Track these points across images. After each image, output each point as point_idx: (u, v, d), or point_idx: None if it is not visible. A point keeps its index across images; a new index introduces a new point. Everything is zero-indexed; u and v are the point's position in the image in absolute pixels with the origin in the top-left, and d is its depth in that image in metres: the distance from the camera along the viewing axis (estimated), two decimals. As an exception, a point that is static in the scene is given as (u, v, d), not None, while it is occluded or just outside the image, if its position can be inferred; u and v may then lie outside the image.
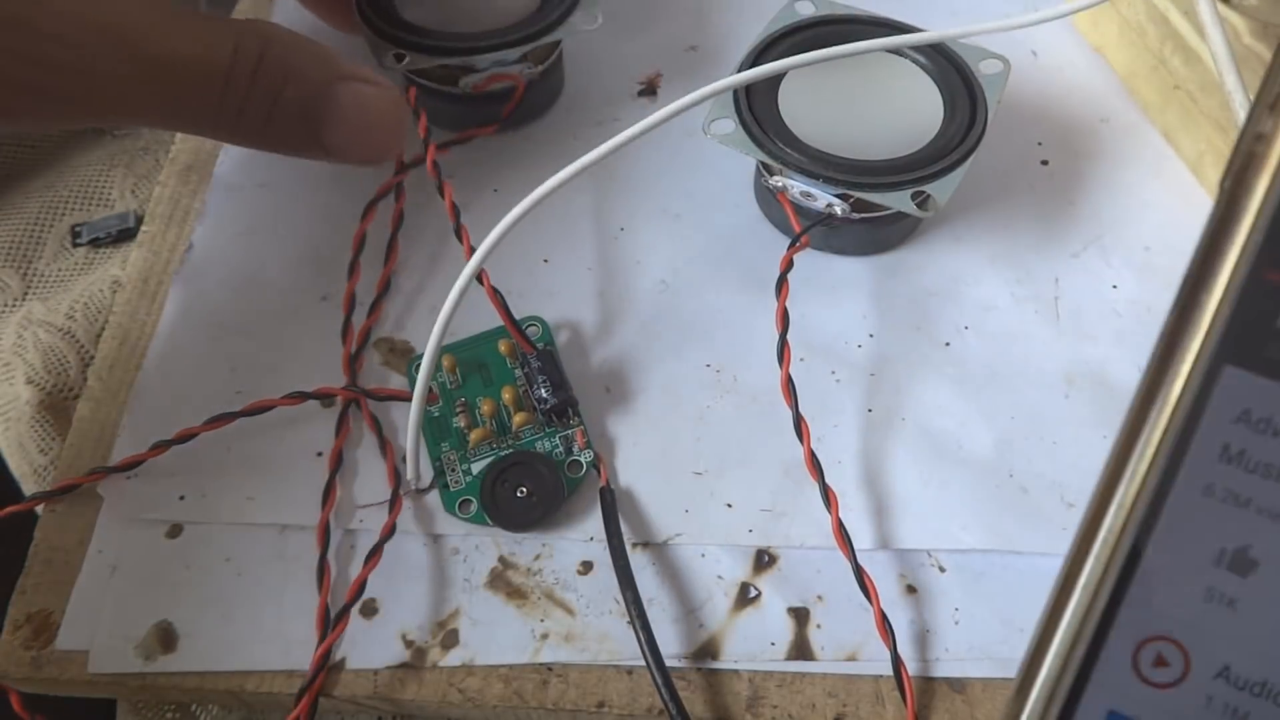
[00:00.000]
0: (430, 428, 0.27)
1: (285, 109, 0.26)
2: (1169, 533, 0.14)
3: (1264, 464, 0.14)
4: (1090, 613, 0.14)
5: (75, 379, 0.31)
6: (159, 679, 0.24)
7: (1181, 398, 0.14)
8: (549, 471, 0.26)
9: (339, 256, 0.31)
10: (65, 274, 0.34)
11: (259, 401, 0.27)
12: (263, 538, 0.26)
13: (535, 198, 0.26)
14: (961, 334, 0.30)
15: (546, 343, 0.29)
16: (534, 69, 0.32)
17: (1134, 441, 0.14)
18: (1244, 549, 0.14)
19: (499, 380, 0.28)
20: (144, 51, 0.24)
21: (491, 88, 0.32)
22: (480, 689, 0.24)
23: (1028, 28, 0.28)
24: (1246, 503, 0.14)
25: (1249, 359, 0.14)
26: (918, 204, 0.27)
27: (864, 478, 0.27)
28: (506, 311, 0.28)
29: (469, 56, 0.31)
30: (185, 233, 0.32)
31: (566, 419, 0.27)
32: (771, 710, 0.24)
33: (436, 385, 0.28)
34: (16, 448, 0.30)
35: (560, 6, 0.31)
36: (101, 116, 0.27)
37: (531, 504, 0.26)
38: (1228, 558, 0.14)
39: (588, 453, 0.27)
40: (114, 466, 0.27)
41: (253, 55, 0.25)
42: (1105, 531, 0.14)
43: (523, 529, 0.26)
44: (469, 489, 0.26)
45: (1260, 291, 0.14)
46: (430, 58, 0.31)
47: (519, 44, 0.31)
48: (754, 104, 0.29)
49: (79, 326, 0.32)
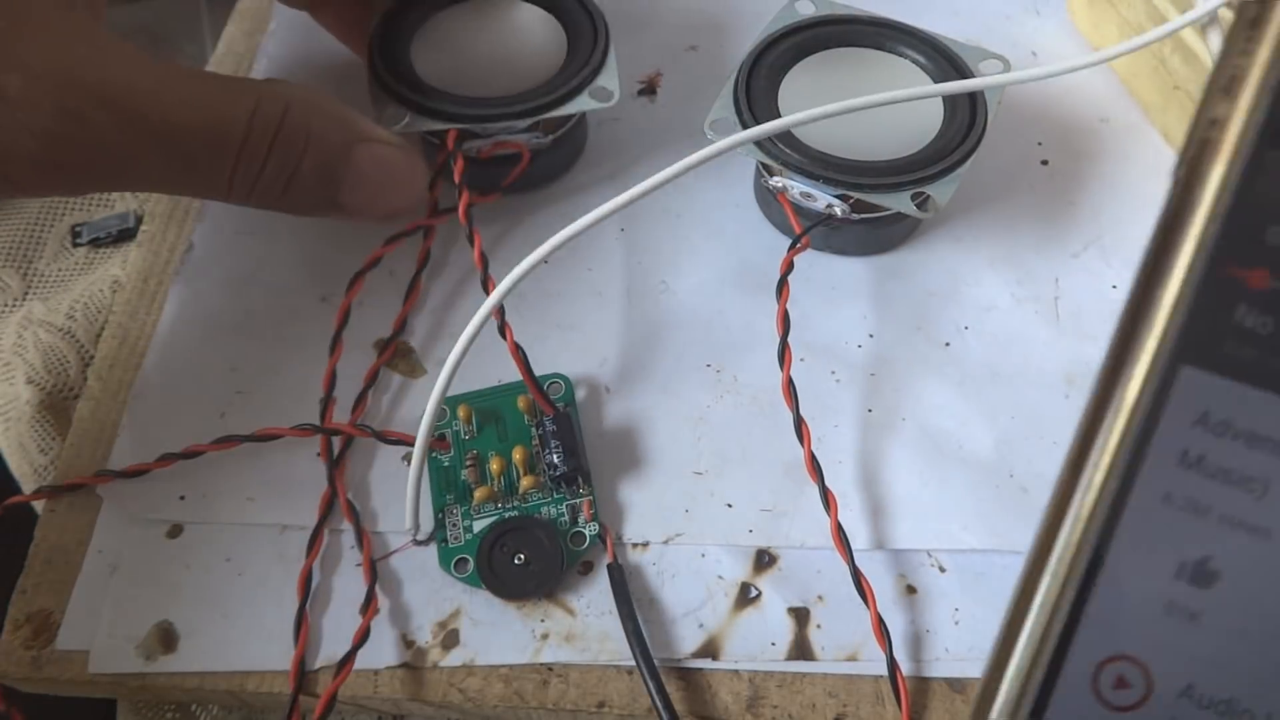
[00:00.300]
0: (438, 477, 0.27)
1: (304, 176, 0.25)
2: (1127, 546, 0.13)
3: (1224, 469, 0.13)
4: (1048, 633, 0.13)
5: (75, 379, 0.31)
6: (159, 679, 0.24)
7: (1138, 401, 0.13)
8: (550, 541, 0.25)
9: (339, 257, 0.31)
10: (65, 274, 0.34)
11: (268, 429, 0.27)
12: (263, 538, 0.26)
13: (556, 242, 0.25)
14: (962, 334, 0.30)
15: (567, 403, 0.28)
16: (543, 139, 0.31)
17: (1089, 449, 0.13)
18: (1205, 560, 0.13)
19: (513, 437, 0.27)
20: (151, 120, 0.23)
21: (498, 153, 0.30)
22: (481, 689, 0.24)
23: (1060, 72, 0.28)
24: (1206, 511, 0.13)
25: (1207, 358, 0.13)
26: (918, 205, 0.27)
27: (864, 478, 0.27)
28: (527, 369, 0.27)
29: (473, 124, 0.29)
30: (185, 233, 0.32)
31: (575, 487, 0.26)
32: (772, 710, 0.24)
33: (450, 434, 0.27)
34: (17, 448, 0.30)
35: (579, 75, 0.30)
36: (107, 187, 0.26)
37: (528, 573, 0.25)
38: (1189, 570, 0.13)
39: (593, 525, 0.26)
40: (120, 471, 0.26)
41: (271, 122, 0.24)
42: (1061, 546, 0.13)
43: (516, 599, 0.25)
44: (467, 547, 0.26)
45: (1218, 286, 0.13)
46: (431, 120, 0.29)
47: (522, 116, 0.29)
48: (754, 104, 0.29)
49: (79, 326, 0.32)
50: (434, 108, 0.29)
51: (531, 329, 0.29)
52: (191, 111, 0.23)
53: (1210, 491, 0.13)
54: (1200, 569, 0.13)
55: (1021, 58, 0.36)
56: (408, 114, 0.29)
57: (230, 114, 0.24)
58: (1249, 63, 0.13)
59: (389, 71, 0.30)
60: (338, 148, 0.26)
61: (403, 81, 0.29)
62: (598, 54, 0.30)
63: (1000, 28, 0.37)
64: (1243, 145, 0.13)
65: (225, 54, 0.37)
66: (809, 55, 0.31)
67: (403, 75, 0.30)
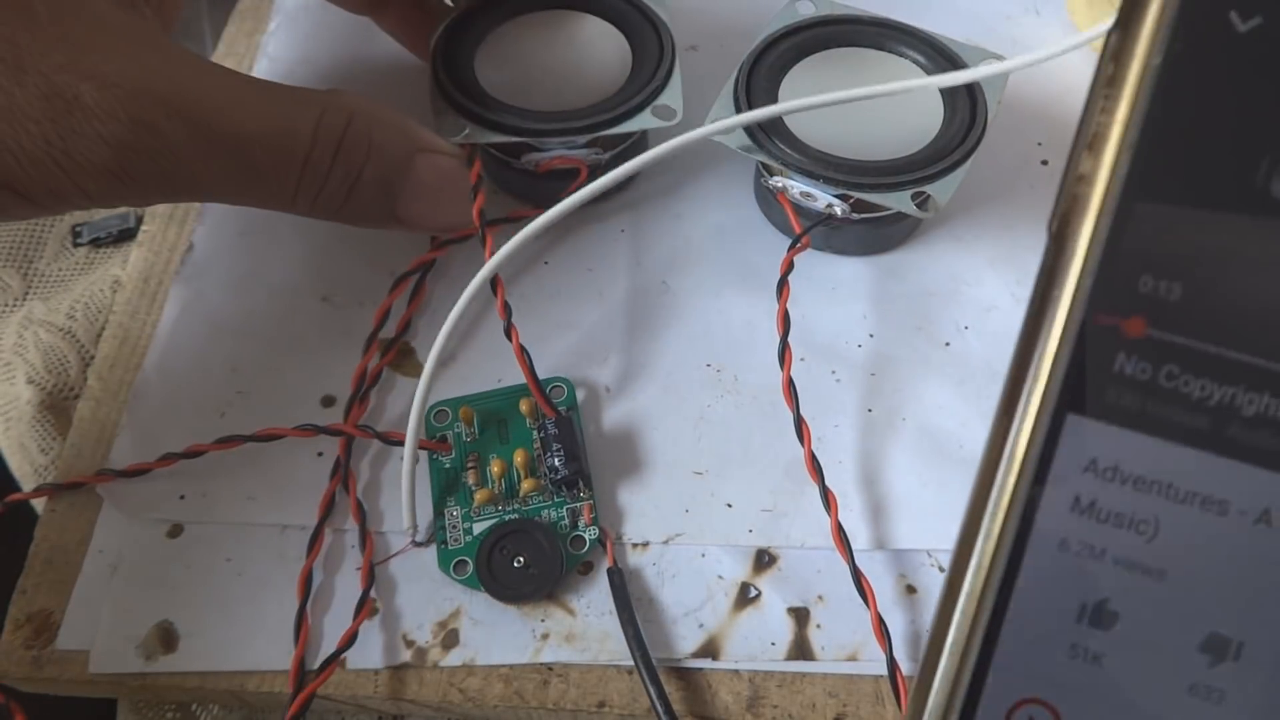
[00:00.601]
0: (439, 478, 0.27)
1: (364, 187, 0.25)
2: (1029, 590, 0.13)
3: (1115, 513, 0.13)
4: (959, 678, 0.14)
5: (76, 379, 0.31)
6: (160, 679, 0.24)
7: (1028, 451, 0.13)
8: (550, 544, 0.25)
9: (339, 257, 0.31)
10: (66, 274, 0.34)
11: (270, 429, 0.27)
12: (263, 537, 0.26)
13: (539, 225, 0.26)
14: (962, 334, 0.30)
15: (569, 406, 0.28)
16: (601, 155, 0.30)
17: (985, 498, 0.13)
18: (1103, 602, 0.13)
19: (515, 440, 0.27)
20: (221, 131, 0.23)
21: (557, 167, 0.30)
22: (481, 689, 0.24)
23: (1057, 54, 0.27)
24: (1101, 554, 0.13)
25: (1091, 406, 0.13)
26: (918, 204, 0.27)
27: (864, 478, 0.27)
28: (531, 371, 0.27)
29: (533, 138, 0.29)
30: (186, 232, 0.32)
31: (576, 491, 0.26)
32: (772, 710, 0.24)
33: (452, 436, 0.27)
34: (17, 448, 0.30)
35: (642, 93, 0.29)
36: (175, 198, 0.25)
37: (528, 576, 0.25)
38: (1089, 612, 0.13)
39: (593, 529, 0.26)
40: (122, 470, 0.27)
41: (336, 132, 0.24)
42: (965, 593, 0.13)
43: (515, 601, 0.25)
44: (466, 549, 0.26)
45: (1097, 336, 0.13)
46: (491, 133, 0.29)
47: (582, 132, 0.29)
48: (754, 104, 0.29)
49: (79, 326, 0.32)
50: (495, 120, 0.29)
51: (532, 329, 0.29)
52: (259, 122, 0.23)
53: (1103, 535, 0.13)
54: (1099, 611, 0.13)
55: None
56: (468, 125, 0.29)
57: (296, 125, 0.24)
58: (1109, 120, 0.13)
59: (451, 81, 0.29)
60: (399, 159, 0.26)
61: (464, 92, 0.29)
62: (662, 71, 0.30)
63: (1001, 28, 0.37)
64: (1109, 199, 0.13)
65: (225, 54, 0.37)
66: (809, 55, 0.31)
67: (465, 86, 0.29)
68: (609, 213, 0.32)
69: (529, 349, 0.27)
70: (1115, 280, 0.13)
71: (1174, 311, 0.13)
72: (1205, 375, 0.13)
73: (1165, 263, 0.13)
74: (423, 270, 0.30)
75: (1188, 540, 0.13)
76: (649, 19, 0.31)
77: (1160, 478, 0.13)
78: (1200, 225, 0.13)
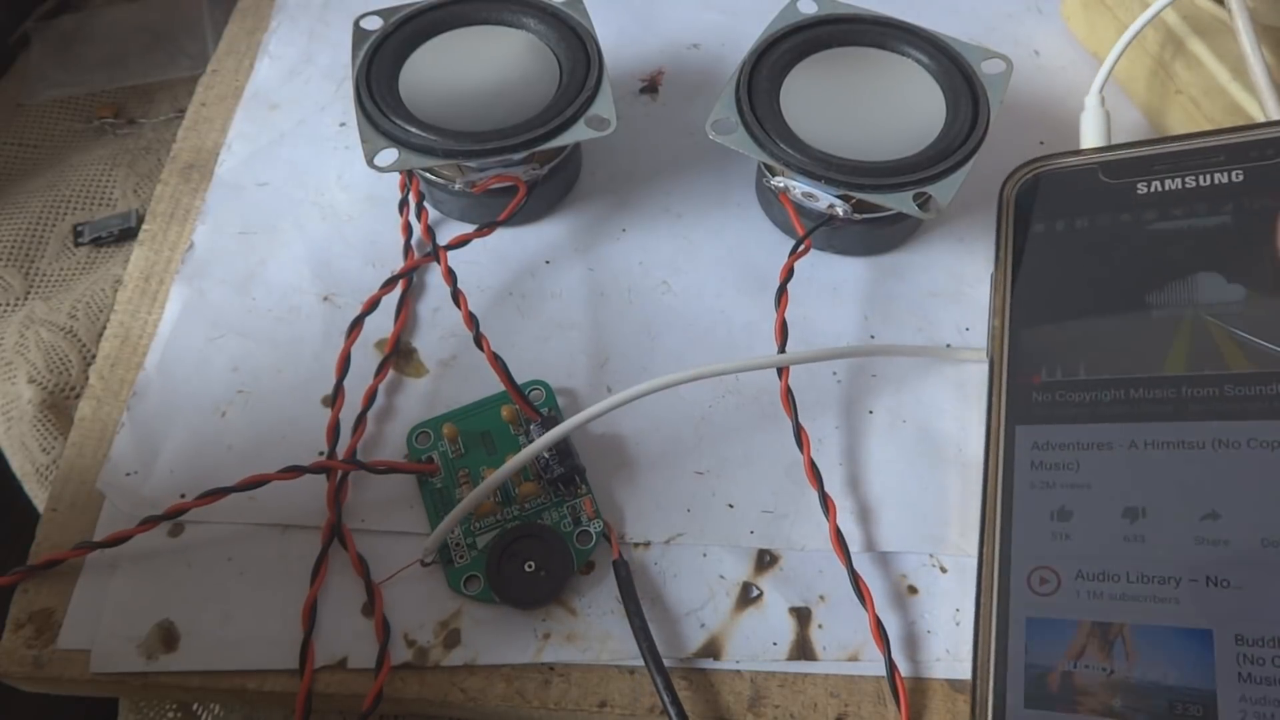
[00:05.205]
0: (432, 500, 0.26)
1: None
2: (1022, 508, 0.24)
3: (1054, 463, 0.24)
4: (996, 556, 0.24)
5: (77, 378, 0.31)
6: (161, 678, 0.24)
7: (1003, 441, 0.25)
8: (557, 544, 0.25)
9: (339, 257, 0.31)
10: (67, 273, 0.34)
11: (253, 476, 0.25)
12: (265, 537, 0.26)
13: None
14: (963, 335, 0.30)
15: (550, 408, 0.28)
16: (539, 169, 0.30)
17: (991, 473, 0.25)
18: (1062, 507, 0.24)
19: (502, 448, 0.27)
20: None
21: (494, 186, 0.30)
22: (482, 688, 0.24)
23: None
24: (1054, 485, 0.24)
25: (1026, 417, 0.25)
26: (919, 205, 0.27)
27: (865, 479, 0.27)
28: (508, 376, 0.26)
29: (467, 159, 0.28)
30: (186, 232, 0.32)
31: (574, 488, 0.26)
32: (773, 710, 0.24)
33: (438, 455, 0.27)
34: (19, 447, 0.30)
35: (573, 104, 0.29)
36: None
37: (540, 579, 0.25)
38: (1056, 515, 0.24)
39: (597, 523, 0.26)
40: (99, 542, 0.25)
41: None
42: (988, 512, 0.24)
43: (531, 606, 0.25)
44: (474, 564, 0.25)
45: (1019, 387, 0.26)
46: (423, 156, 0.28)
47: (517, 149, 0.28)
48: (756, 104, 0.29)
49: (81, 325, 0.32)
50: (426, 143, 0.28)
51: (532, 329, 0.29)
52: None
53: (1052, 475, 0.24)
54: (1062, 512, 0.23)
55: (1024, 56, 0.36)
56: (398, 150, 0.28)
57: None
58: (1001, 301, 0.27)
59: (377, 107, 0.28)
60: None
61: (391, 117, 0.28)
62: (591, 80, 0.29)
63: (1003, 26, 0.37)
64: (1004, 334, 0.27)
65: (227, 52, 0.37)
66: (811, 54, 0.30)
67: (392, 110, 0.28)
68: (609, 213, 0.32)
69: (530, 349, 0.27)
70: (1023, 358, 0.26)
71: (1053, 367, 0.26)
72: (1080, 390, 0.25)
73: (1041, 355, 0.26)
74: (411, 273, 0.30)
75: (1096, 467, 0.24)
76: (572, 29, 0.30)
77: (1069, 440, 0.24)
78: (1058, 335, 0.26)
